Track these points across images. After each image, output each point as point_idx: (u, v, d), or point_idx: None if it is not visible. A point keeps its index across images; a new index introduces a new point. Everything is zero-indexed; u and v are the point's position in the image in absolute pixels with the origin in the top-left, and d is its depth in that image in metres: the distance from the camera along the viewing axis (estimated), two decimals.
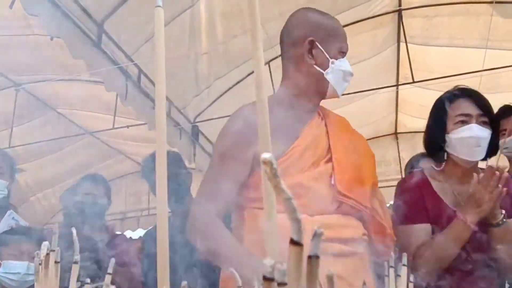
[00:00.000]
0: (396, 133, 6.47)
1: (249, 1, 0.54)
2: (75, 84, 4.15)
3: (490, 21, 4.08)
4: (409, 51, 4.68)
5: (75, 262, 0.59)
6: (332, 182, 1.46)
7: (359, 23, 4.46)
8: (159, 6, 0.58)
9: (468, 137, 1.66)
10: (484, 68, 4.22)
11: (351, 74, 1.58)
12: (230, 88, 4.62)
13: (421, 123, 6.48)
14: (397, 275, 0.63)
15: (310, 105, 1.57)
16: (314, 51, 1.54)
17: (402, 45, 4.79)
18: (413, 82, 4.79)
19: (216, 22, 3.79)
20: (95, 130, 4.98)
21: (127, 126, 4.51)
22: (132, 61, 3.49)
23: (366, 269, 1.45)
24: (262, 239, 1.41)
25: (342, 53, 1.57)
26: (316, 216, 1.40)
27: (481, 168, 1.76)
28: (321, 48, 1.53)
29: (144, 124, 4.05)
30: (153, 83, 3.87)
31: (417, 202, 1.74)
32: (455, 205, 1.71)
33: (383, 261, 0.83)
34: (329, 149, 1.51)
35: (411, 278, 0.73)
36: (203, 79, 4.24)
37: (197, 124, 4.67)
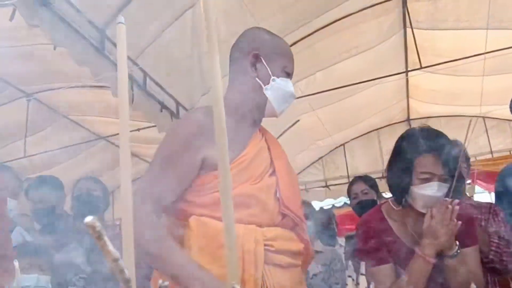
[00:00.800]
0: (409, 120, 6.42)
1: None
2: (83, 90, 4.20)
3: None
4: (416, 36, 4.63)
5: None
6: (278, 195, 1.52)
7: (363, 11, 4.43)
8: (121, 23, 0.59)
9: (429, 195, 1.69)
10: (492, 50, 4.15)
11: (293, 96, 1.61)
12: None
13: (433, 109, 6.46)
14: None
15: (252, 118, 1.60)
16: (258, 65, 1.57)
17: (408, 30, 4.75)
18: (421, 68, 4.75)
19: (218, 20, 3.80)
20: (107, 135, 5.04)
21: (138, 129, 4.56)
22: (136, 64, 3.52)
23: (302, 281, 1.56)
24: (211, 249, 1.42)
25: (287, 74, 1.60)
26: (265, 228, 1.45)
27: None
28: (265, 63, 1.56)
29: (154, 126, 4.09)
30: (159, 85, 3.90)
31: (377, 244, 1.79)
32: (413, 243, 1.75)
33: None
34: (271, 164, 1.56)
35: None
36: (209, 78, 4.25)
37: None
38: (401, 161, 1.76)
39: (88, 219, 0.30)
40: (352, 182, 3.55)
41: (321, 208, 6.17)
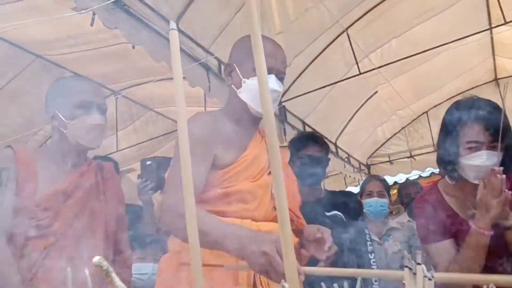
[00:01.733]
0: (496, 79, 6.05)
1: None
2: (164, 83, 4.40)
3: None
4: None
5: None
6: (273, 191, 1.54)
7: None
8: (173, 29, 0.65)
9: (478, 165, 1.65)
10: None
11: (273, 91, 1.59)
12: (310, 63, 4.64)
13: None
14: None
15: (248, 122, 1.67)
16: (233, 73, 1.66)
17: None
18: (506, 23, 4.46)
19: (286, 0, 3.82)
20: None
21: None
22: (210, 53, 3.63)
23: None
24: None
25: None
26: (260, 222, 1.51)
27: None
28: (237, 69, 1.64)
29: None
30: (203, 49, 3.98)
31: (435, 220, 1.76)
32: (471, 217, 1.70)
33: None
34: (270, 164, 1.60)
35: None
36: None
37: (283, 104, 4.75)
38: (448, 134, 1.75)
39: (95, 259, 0.33)
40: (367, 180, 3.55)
41: (408, 180, 6.04)
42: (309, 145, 2.71)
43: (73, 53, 3.81)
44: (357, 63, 4.64)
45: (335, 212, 2.67)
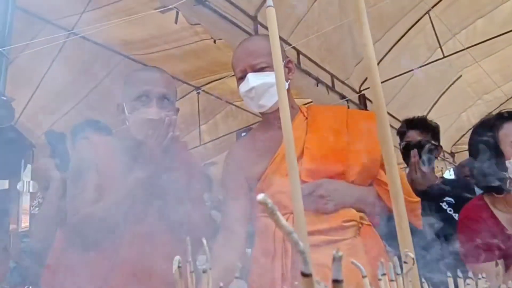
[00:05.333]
0: None
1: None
2: None
3: None
4: None
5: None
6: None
7: None
8: (270, 6, 0.65)
9: None
10: None
11: (251, 91, 1.55)
12: (390, 49, 4.53)
13: None
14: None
15: (274, 121, 1.62)
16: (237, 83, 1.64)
17: None
18: None
19: None
20: None
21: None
22: (288, 44, 3.65)
23: (356, 252, 1.45)
24: (268, 246, 1.36)
25: (241, 77, 1.59)
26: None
27: None
28: (236, 77, 1.63)
29: (310, 102, 4.22)
30: (313, 61, 4.00)
31: (483, 237, 1.62)
32: None
33: None
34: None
35: None
36: (361, 46, 4.21)
37: (363, 92, 4.67)
38: (487, 143, 1.65)
39: (260, 196, 0.32)
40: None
41: None
42: (408, 130, 2.59)
43: (156, 53, 3.97)
44: (440, 46, 4.46)
45: (449, 199, 2.54)
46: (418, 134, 2.46)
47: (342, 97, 4.34)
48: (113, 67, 4.01)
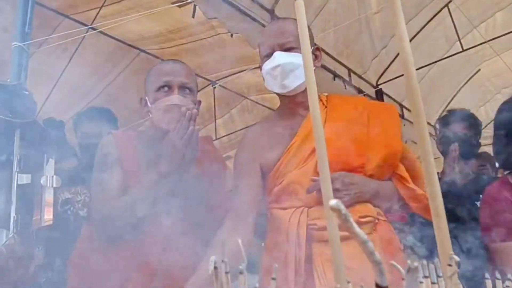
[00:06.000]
0: None
1: None
2: (259, 71, 4.45)
3: None
4: None
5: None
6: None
7: None
8: None
9: None
10: None
11: (280, 66, 1.50)
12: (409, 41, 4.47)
13: None
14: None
15: (295, 107, 1.59)
16: (261, 61, 1.60)
17: None
18: None
19: None
20: None
21: None
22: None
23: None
24: (280, 238, 1.40)
25: (269, 54, 1.54)
26: (313, 208, 1.43)
27: None
28: (260, 56, 1.60)
29: None
30: (330, 55, 3.97)
31: (506, 216, 1.62)
32: None
33: None
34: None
35: None
36: (379, 40, 4.18)
37: (380, 86, 4.63)
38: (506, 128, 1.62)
39: (332, 202, 0.30)
40: None
41: None
42: (452, 123, 2.50)
43: (173, 47, 3.98)
44: (459, 40, 4.40)
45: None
46: (463, 128, 2.39)
47: (359, 91, 4.31)
48: (129, 62, 4.03)
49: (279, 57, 1.51)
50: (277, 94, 1.60)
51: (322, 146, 0.57)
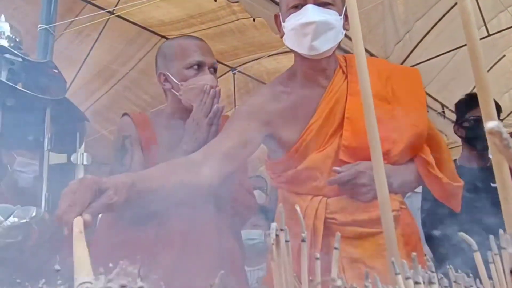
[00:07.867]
0: None
1: None
2: (279, 57, 4.43)
3: None
4: None
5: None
6: (340, 156, 1.31)
7: None
8: None
9: None
10: None
11: (313, 23, 1.26)
12: (432, 28, 4.39)
13: None
14: None
15: (314, 74, 1.38)
16: (280, 27, 1.39)
17: None
18: None
19: None
20: None
21: None
22: None
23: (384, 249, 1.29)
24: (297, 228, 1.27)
25: (295, 6, 1.30)
26: (332, 198, 1.31)
27: None
28: (280, 18, 1.39)
29: None
30: (350, 39, 3.91)
31: None
32: None
33: None
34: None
35: None
36: (402, 24, 4.11)
37: None
38: None
39: (492, 124, 0.27)
40: None
41: None
42: (476, 106, 2.43)
43: (194, 33, 3.97)
44: (485, 24, 4.30)
45: None
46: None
47: None
48: (151, 48, 4.03)
49: (313, 11, 1.26)
50: (297, 54, 1.36)
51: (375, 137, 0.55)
